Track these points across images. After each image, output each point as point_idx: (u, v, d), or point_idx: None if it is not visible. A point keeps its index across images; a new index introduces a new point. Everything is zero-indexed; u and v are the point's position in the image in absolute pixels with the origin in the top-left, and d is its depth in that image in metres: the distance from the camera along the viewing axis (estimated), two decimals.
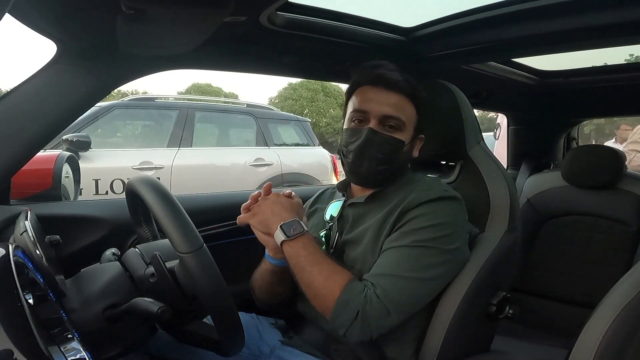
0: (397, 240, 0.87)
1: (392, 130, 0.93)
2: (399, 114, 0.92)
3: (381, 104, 0.92)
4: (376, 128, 0.92)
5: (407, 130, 0.94)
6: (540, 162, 2.06)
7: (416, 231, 0.86)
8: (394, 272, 0.83)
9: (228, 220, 1.31)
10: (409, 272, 0.83)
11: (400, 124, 0.93)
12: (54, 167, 1.17)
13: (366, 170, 0.93)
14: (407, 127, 0.94)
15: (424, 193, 0.90)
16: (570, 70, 1.69)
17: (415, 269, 0.84)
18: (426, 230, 0.86)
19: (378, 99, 0.92)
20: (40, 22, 0.81)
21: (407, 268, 0.84)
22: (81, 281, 0.77)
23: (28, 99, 0.87)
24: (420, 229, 0.86)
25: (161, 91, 27.47)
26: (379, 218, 0.92)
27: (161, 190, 0.76)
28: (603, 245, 1.61)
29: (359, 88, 0.96)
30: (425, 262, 0.85)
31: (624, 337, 0.49)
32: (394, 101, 0.92)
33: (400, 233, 0.87)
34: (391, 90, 0.92)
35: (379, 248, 0.90)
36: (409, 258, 0.85)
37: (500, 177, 1.09)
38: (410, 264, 0.84)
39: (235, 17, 0.82)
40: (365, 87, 0.95)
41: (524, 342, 1.55)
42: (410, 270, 0.84)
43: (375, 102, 0.92)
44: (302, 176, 4.26)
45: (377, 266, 0.86)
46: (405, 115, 0.93)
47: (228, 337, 0.75)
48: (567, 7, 0.96)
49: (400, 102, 0.93)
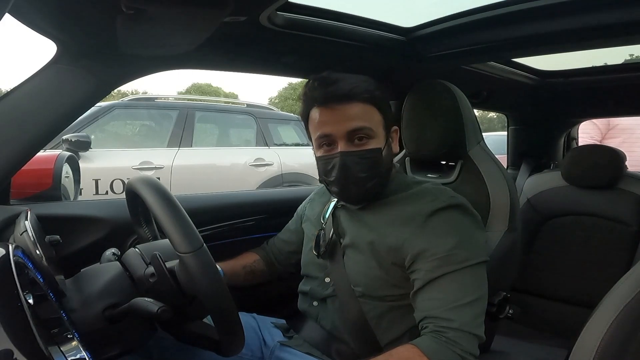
0: (433, 270, 0.82)
1: (363, 142, 0.87)
2: (363, 124, 0.87)
3: (341, 121, 0.86)
4: (346, 148, 0.87)
5: (378, 134, 0.89)
6: (540, 162, 2.06)
7: (447, 257, 0.82)
8: (456, 302, 0.79)
9: (228, 220, 1.31)
10: (467, 297, 0.80)
11: (368, 132, 0.87)
12: (54, 167, 1.17)
13: (356, 193, 0.90)
14: (377, 131, 0.89)
15: (431, 204, 0.88)
16: (570, 70, 1.69)
17: (470, 292, 0.81)
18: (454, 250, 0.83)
19: (336, 116, 0.86)
20: (40, 22, 0.81)
21: (465, 293, 0.81)
22: (81, 281, 0.77)
23: (28, 99, 0.87)
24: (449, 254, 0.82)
25: (161, 91, 27.51)
26: (382, 232, 0.89)
27: (161, 190, 0.75)
28: (603, 245, 1.60)
29: (311, 111, 0.91)
30: (470, 282, 0.83)
31: (624, 337, 0.49)
32: (353, 113, 0.86)
33: (431, 261, 0.83)
34: (346, 102, 0.86)
35: (388, 264, 0.88)
36: (460, 283, 0.81)
37: (500, 177, 1.09)
38: (463, 289, 0.81)
39: (235, 17, 0.82)
40: (316, 108, 0.89)
41: (524, 342, 1.55)
42: (467, 295, 0.81)
43: (334, 121, 0.86)
44: (302, 176, 4.25)
45: (433, 301, 0.81)
46: (370, 120, 0.88)
47: (228, 337, 0.75)
48: (567, 7, 0.96)
49: (360, 109, 0.87)
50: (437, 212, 0.87)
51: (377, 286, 0.90)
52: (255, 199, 1.49)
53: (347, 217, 0.98)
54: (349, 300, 0.93)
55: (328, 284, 0.98)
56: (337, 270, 0.95)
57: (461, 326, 0.77)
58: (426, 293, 0.83)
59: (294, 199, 1.40)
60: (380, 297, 0.90)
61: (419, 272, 0.84)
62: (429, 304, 0.81)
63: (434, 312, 0.80)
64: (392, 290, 0.89)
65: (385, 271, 0.88)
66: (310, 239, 1.04)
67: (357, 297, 0.91)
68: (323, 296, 0.98)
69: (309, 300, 1.03)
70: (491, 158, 1.13)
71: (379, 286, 0.90)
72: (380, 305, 0.91)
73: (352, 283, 0.92)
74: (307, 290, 1.02)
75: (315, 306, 1.01)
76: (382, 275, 0.89)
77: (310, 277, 1.03)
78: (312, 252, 1.00)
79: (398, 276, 0.88)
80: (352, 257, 0.94)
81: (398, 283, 0.89)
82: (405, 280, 0.88)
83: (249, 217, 1.36)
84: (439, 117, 1.10)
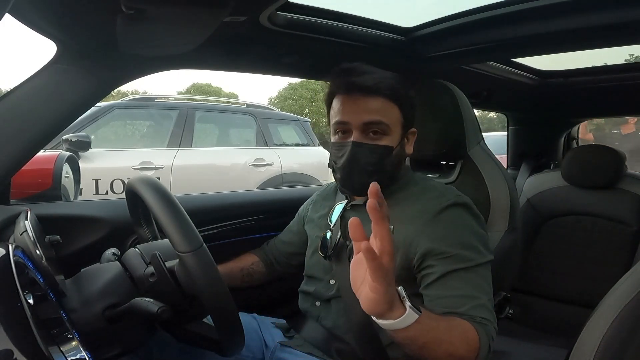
0: (443, 268, 0.83)
1: (377, 136, 0.88)
2: (381, 118, 0.88)
3: (360, 112, 0.87)
4: (359, 139, 0.88)
5: (394, 132, 0.90)
6: (540, 162, 2.07)
7: (456, 255, 0.83)
8: (473, 294, 0.81)
9: (228, 220, 1.31)
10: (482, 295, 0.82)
11: (384, 128, 0.88)
12: (54, 167, 1.17)
13: (358, 183, 0.91)
14: (393, 129, 0.90)
15: (438, 201, 0.89)
16: (570, 70, 1.69)
17: (481, 290, 0.83)
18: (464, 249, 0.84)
19: (356, 107, 0.88)
20: (40, 22, 0.81)
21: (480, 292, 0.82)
22: (81, 281, 0.77)
23: (28, 99, 0.87)
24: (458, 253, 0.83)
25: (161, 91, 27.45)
26: (392, 231, 0.89)
27: (161, 190, 0.76)
28: (603, 245, 1.61)
29: (335, 97, 0.92)
30: (479, 282, 0.84)
31: (624, 337, 0.49)
32: (373, 106, 0.87)
33: (441, 259, 0.83)
34: (368, 95, 0.87)
35: (396, 264, 0.87)
36: (470, 281, 0.82)
37: (500, 177, 1.09)
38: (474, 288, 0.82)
39: (235, 17, 0.82)
40: (340, 95, 0.90)
41: (524, 342, 1.55)
42: (481, 293, 0.82)
43: (353, 111, 0.88)
44: (302, 176, 4.26)
45: (447, 299, 0.81)
46: (389, 117, 0.89)
47: (228, 337, 0.75)
48: (567, 7, 0.96)
49: (381, 105, 0.88)
50: (444, 209, 0.88)
51: None
52: (255, 199, 1.49)
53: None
54: (353, 302, 0.92)
55: (333, 286, 0.98)
56: (343, 272, 0.95)
57: (479, 314, 0.79)
58: (438, 290, 0.83)
59: (294, 199, 1.40)
60: None
61: (429, 269, 0.84)
62: (444, 302, 0.82)
63: (452, 307, 0.80)
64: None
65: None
66: (314, 240, 1.04)
67: None
68: (327, 297, 0.98)
69: (311, 300, 1.02)
70: (491, 158, 1.13)
71: None
72: None
73: None
74: (311, 291, 1.02)
75: (317, 306, 1.01)
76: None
77: (314, 279, 1.03)
78: (317, 254, 1.00)
79: (403, 276, 0.88)
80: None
81: (403, 284, 0.89)
82: (411, 281, 0.88)
83: (249, 217, 1.36)
84: (439, 117, 1.10)
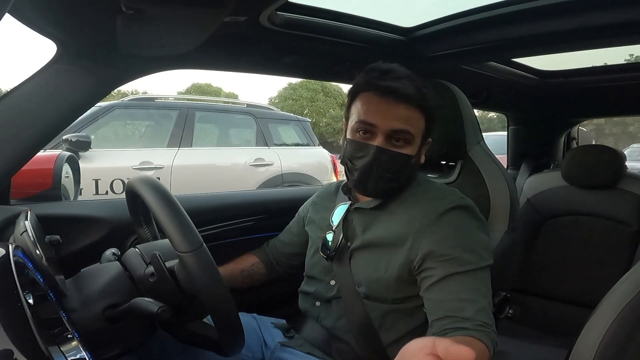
0: (443, 270, 0.82)
1: (400, 145, 0.87)
2: (408, 127, 0.86)
3: (390, 118, 0.85)
4: (384, 145, 0.86)
5: (416, 142, 0.89)
6: (540, 162, 2.07)
7: (456, 258, 0.82)
8: (474, 297, 0.80)
9: (228, 220, 1.31)
10: (480, 299, 0.81)
11: (409, 137, 0.87)
12: (54, 167, 1.17)
13: (373, 187, 0.90)
14: (416, 139, 0.89)
15: (440, 203, 0.88)
16: (570, 70, 1.69)
17: (480, 294, 0.82)
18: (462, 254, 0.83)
19: (387, 111, 0.85)
20: (40, 22, 0.81)
21: (478, 295, 0.81)
22: (81, 281, 0.77)
23: (28, 99, 0.87)
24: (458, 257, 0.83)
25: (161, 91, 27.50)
26: (394, 232, 0.89)
27: (161, 190, 0.75)
28: (603, 245, 1.61)
29: (365, 93, 0.89)
30: (479, 285, 0.83)
31: (624, 337, 0.49)
32: (403, 114, 0.86)
33: (441, 262, 0.83)
34: (401, 101, 0.85)
35: (396, 265, 0.88)
36: (469, 285, 0.82)
37: (500, 177, 1.09)
38: (473, 291, 0.81)
39: (235, 17, 0.82)
40: (372, 94, 0.87)
41: (524, 342, 1.55)
42: (480, 296, 0.81)
43: (384, 115, 0.85)
44: (302, 176, 4.25)
45: (447, 302, 0.81)
46: (415, 127, 0.88)
47: (228, 337, 0.75)
48: (567, 7, 0.96)
49: (410, 114, 0.86)
50: (447, 212, 0.87)
51: (382, 288, 0.90)
52: (255, 199, 1.49)
53: (360, 220, 0.97)
54: (353, 302, 0.93)
55: (333, 287, 0.98)
56: (344, 273, 0.95)
57: (480, 318, 0.78)
58: (439, 293, 0.82)
59: (294, 199, 1.40)
60: (385, 298, 0.90)
61: (430, 271, 0.84)
62: (445, 305, 0.81)
63: (454, 311, 0.79)
64: (396, 292, 0.89)
65: (392, 273, 0.88)
66: (315, 241, 1.04)
67: (362, 298, 0.92)
68: (327, 297, 0.98)
69: (311, 300, 1.02)
70: (491, 158, 1.13)
71: (384, 288, 0.90)
72: (385, 306, 0.91)
73: (357, 285, 0.92)
74: (312, 291, 1.02)
75: (318, 306, 1.01)
76: (388, 277, 0.89)
77: (315, 279, 1.03)
78: (318, 255, 1.00)
79: (404, 278, 0.88)
80: (360, 259, 0.93)
81: (403, 285, 0.89)
82: (411, 283, 0.88)
83: (249, 217, 1.36)
84: (439, 117, 1.10)
